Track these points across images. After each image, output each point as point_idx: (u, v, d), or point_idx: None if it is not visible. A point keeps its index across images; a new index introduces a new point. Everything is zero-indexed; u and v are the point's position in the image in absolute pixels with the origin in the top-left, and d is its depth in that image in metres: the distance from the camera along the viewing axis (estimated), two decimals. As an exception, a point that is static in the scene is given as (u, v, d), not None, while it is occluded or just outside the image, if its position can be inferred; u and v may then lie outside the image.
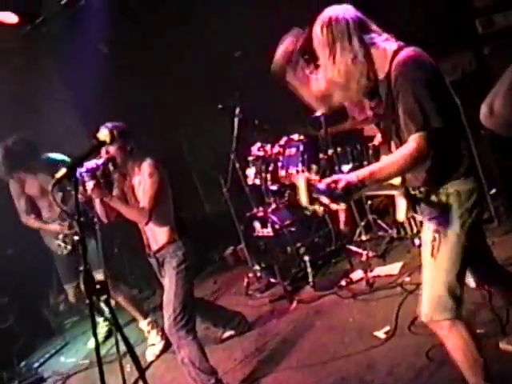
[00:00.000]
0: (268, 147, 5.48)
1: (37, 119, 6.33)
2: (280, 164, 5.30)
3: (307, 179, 2.21)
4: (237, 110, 5.38)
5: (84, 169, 3.28)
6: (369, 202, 5.13)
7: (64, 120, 6.68)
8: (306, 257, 4.96)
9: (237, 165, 5.49)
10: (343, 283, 4.71)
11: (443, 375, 2.83)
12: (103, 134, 3.23)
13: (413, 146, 2.12)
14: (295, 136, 5.31)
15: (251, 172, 5.53)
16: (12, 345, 5.81)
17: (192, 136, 7.63)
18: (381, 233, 5.32)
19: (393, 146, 2.40)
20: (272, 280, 5.29)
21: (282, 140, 5.39)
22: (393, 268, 4.62)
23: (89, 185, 3.31)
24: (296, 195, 2.21)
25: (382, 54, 2.28)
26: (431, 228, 2.31)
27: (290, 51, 2.65)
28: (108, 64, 6.45)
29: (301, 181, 2.23)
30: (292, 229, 5.08)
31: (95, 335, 2.53)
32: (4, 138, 4.85)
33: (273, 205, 5.35)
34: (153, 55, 6.82)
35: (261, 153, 5.47)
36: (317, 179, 2.20)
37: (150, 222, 3.65)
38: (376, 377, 3.22)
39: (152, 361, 4.65)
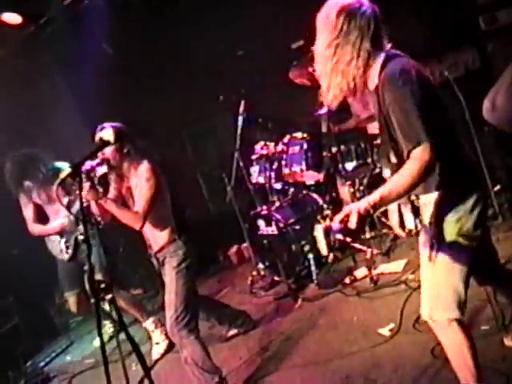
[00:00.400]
0: (271, 145, 5.48)
1: (40, 120, 6.36)
2: (284, 162, 5.30)
3: (324, 229, 2.21)
4: (240, 108, 5.38)
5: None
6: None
7: (68, 120, 6.69)
8: (310, 255, 4.96)
9: (241, 163, 5.49)
10: (347, 281, 4.72)
11: (448, 372, 2.82)
12: (108, 134, 3.24)
13: (416, 163, 2.10)
14: (298, 134, 5.30)
15: (255, 170, 5.54)
16: (18, 344, 5.83)
17: (196, 135, 7.65)
18: (385, 230, 5.31)
19: (392, 157, 2.39)
20: (276, 278, 5.30)
21: (286, 138, 5.39)
22: (397, 265, 4.62)
23: (84, 186, 3.23)
24: (316, 245, 2.21)
25: (376, 65, 2.25)
26: (431, 233, 2.30)
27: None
28: (112, 64, 6.45)
29: (318, 232, 2.24)
30: (296, 227, 5.08)
31: (100, 334, 2.54)
32: (7, 140, 4.85)
33: (277, 203, 5.35)
34: (157, 55, 6.83)
35: (264, 151, 5.47)
36: (330, 223, 2.20)
37: (150, 225, 3.63)
38: (381, 374, 3.22)
39: (157, 359, 4.67)
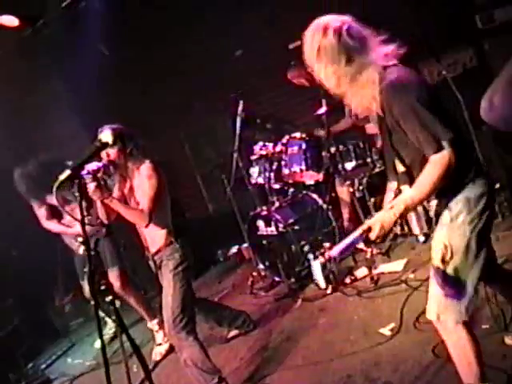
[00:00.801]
0: (270, 146, 5.48)
1: (38, 122, 6.35)
2: (283, 162, 5.31)
3: (322, 264, 2.24)
4: (239, 109, 5.38)
5: (85, 171, 3.30)
6: (372, 200, 5.12)
7: (66, 122, 6.70)
8: (310, 255, 4.95)
9: (240, 164, 5.49)
10: (348, 281, 4.71)
11: (449, 371, 2.82)
12: (106, 136, 3.26)
13: (438, 167, 2.13)
14: (297, 134, 5.31)
15: (254, 171, 5.54)
16: (18, 347, 5.83)
17: (194, 136, 7.64)
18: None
19: (398, 166, 2.40)
20: (276, 278, 5.29)
21: (285, 138, 5.39)
22: (397, 265, 4.62)
23: (90, 186, 3.32)
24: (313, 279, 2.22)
25: (370, 78, 2.25)
26: (442, 235, 2.31)
27: None
28: (109, 65, 6.46)
29: (316, 267, 2.26)
30: (296, 227, 5.08)
31: (101, 336, 2.55)
32: (5, 142, 4.85)
33: (276, 203, 5.35)
34: (153, 56, 6.84)
35: (263, 152, 5.47)
36: (327, 257, 2.24)
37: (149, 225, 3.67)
38: (382, 374, 3.23)
39: (158, 360, 4.67)
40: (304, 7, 5.08)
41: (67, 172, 2.59)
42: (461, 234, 2.26)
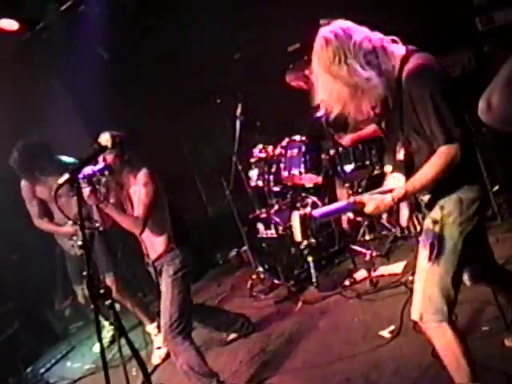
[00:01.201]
0: (270, 149, 5.48)
1: (38, 126, 6.34)
2: (282, 165, 5.30)
3: (301, 216, 2.24)
4: (238, 111, 5.38)
5: (81, 175, 3.29)
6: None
7: (65, 126, 6.69)
8: (310, 257, 4.95)
9: (239, 167, 5.49)
10: (347, 283, 4.71)
11: (449, 374, 2.83)
12: (105, 139, 3.26)
13: (444, 159, 2.13)
14: (297, 137, 5.31)
15: (254, 174, 5.53)
16: (17, 350, 5.81)
17: (194, 139, 7.63)
18: (384, 232, 5.32)
19: (401, 154, 2.39)
20: (276, 281, 5.29)
21: (284, 141, 5.39)
22: (396, 267, 4.62)
23: (85, 191, 3.30)
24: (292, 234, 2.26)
25: (394, 60, 2.25)
26: (431, 233, 2.31)
27: None
28: (108, 69, 6.46)
29: (295, 219, 2.27)
30: (295, 230, 5.07)
31: (100, 340, 2.54)
32: (5, 145, 4.86)
33: (276, 206, 5.34)
34: (152, 59, 6.84)
35: (263, 154, 5.47)
36: (309, 211, 2.26)
37: (147, 232, 3.65)
38: (382, 376, 3.22)
39: (158, 364, 4.66)
40: (303, 9, 5.10)
41: (66, 175, 2.59)
42: (448, 235, 2.27)
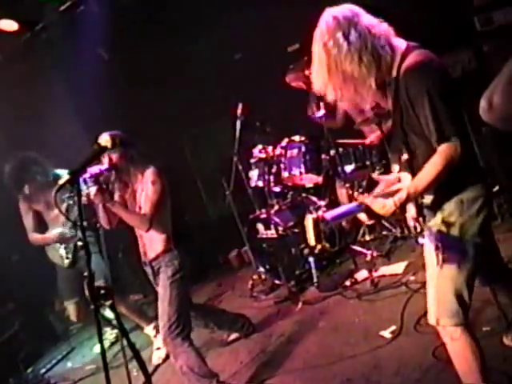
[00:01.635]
0: (270, 149, 5.48)
1: (39, 126, 6.35)
2: (282, 165, 5.30)
3: (314, 220, 2.22)
4: (238, 112, 5.38)
5: (88, 174, 3.32)
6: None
7: (66, 126, 6.69)
8: (310, 258, 4.95)
9: (239, 167, 5.49)
10: (348, 283, 4.71)
11: (450, 374, 2.82)
12: (104, 140, 3.25)
13: (444, 158, 2.11)
14: (297, 137, 5.30)
15: (254, 174, 5.53)
16: (18, 351, 5.83)
17: (194, 139, 7.64)
18: (385, 232, 5.32)
19: (403, 153, 2.37)
20: (276, 282, 5.29)
21: (284, 141, 5.39)
22: (397, 267, 4.62)
23: (92, 190, 3.34)
24: (305, 236, 2.25)
25: (390, 56, 2.22)
26: (434, 236, 2.29)
27: None
28: (108, 69, 6.47)
29: (308, 222, 2.24)
30: (295, 230, 5.08)
31: (101, 341, 2.54)
32: (6, 145, 4.85)
33: (276, 206, 5.34)
34: (153, 59, 6.83)
35: (263, 155, 5.46)
36: (322, 214, 2.23)
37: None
38: (382, 377, 3.22)
39: (158, 365, 4.66)
40: (303, 10, 5.09)
41: (66, 177, 2.58)
42: (452, 237, 2.24)
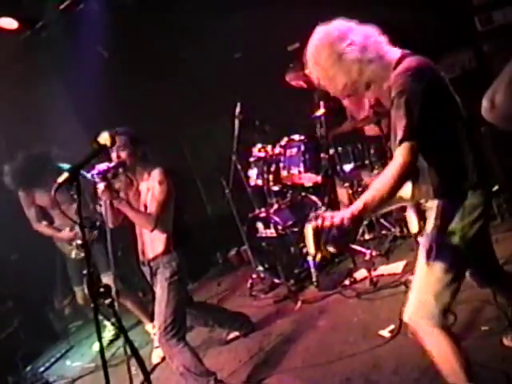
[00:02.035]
0: (269, 148, 5.48)
1: (38, 125, 6.34)
2: (282, 165, 5.30)
3: (314, 228, 2.19)
4: (237, 111, 5.38)
5: (96, 171, 3.33)
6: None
7: (65, 125, 6.68)
8: (310, 257, 4.95)
9: (238, 166, 5.49)
10: (347, 282, 4.72)
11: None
12: (104, 138, 3.24)
13: (398, 162, 2.08)
14: (296, 136, 5.31)
15: (253, 173, 5.53)
16: (17, 349, 5.81)
17: (193, 138, 7.64)
18: (384, 231, 5.32)
19: None
20: (276, 280, 5.29)
21: (283, 140, 5.39)
22: (396, 266, 4.62)
23: (99, 186, 3.35)
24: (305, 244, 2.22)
25: (386, 66, 2.24)
26: (430, 237, 2.30)
27: None
28: (108, 68, 6.46)
29: (308, 231, 2.22)
30: (295, 229, 5.08)
31: (100, 339, 2.54)
32: (5, 144, 4.86)
33: (275, 205, 5.34)
34: (152, 58, 6.83)
35: (262, 154, 5.46)
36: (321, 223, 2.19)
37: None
38: (381, 376, 3.22)
39: (157, 363, 4.66)
40: (303, 9, 5.09)
41: (65, 174, 2.58)
42: (448, 240, 2.24)
